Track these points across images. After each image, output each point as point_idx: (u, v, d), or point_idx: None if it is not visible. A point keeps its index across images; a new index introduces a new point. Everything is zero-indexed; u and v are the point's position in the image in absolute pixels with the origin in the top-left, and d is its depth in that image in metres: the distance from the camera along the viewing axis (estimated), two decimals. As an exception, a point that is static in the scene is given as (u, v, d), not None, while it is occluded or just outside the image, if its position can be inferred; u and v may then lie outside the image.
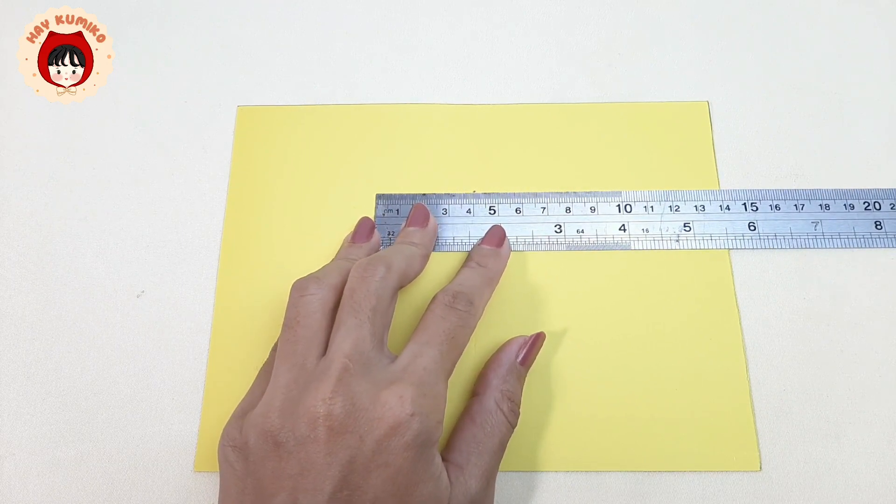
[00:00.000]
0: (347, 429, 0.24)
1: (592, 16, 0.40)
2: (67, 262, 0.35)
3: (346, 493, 0.24)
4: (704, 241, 0.34)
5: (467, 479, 0.27)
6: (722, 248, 0.34)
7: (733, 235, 0.34)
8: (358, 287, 0.28)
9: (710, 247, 0.34)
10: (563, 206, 0.35)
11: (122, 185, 0.37)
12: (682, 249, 0.34)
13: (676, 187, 0.35)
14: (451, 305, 0.29)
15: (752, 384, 0.32)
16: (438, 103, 0.38)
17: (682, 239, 0.34)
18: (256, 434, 0.25)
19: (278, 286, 0.33)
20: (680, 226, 0.34)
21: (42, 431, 0.32)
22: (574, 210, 0.35)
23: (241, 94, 0.38)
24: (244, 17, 0.40)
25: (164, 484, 0.31)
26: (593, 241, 0.34)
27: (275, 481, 0.24)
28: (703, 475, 0.31)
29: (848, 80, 0.38)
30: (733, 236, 0.34)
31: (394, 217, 0.35)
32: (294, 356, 0.27)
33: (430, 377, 0.26)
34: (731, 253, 0.34)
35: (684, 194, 0.35)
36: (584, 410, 0.32)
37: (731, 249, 0.34)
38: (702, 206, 0.35)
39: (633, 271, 0.34)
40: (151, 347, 0.33)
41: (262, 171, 0.36)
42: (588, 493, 0.31)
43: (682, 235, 0.34)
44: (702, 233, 0.34)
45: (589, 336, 0.33)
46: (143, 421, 0.32)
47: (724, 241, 0.34)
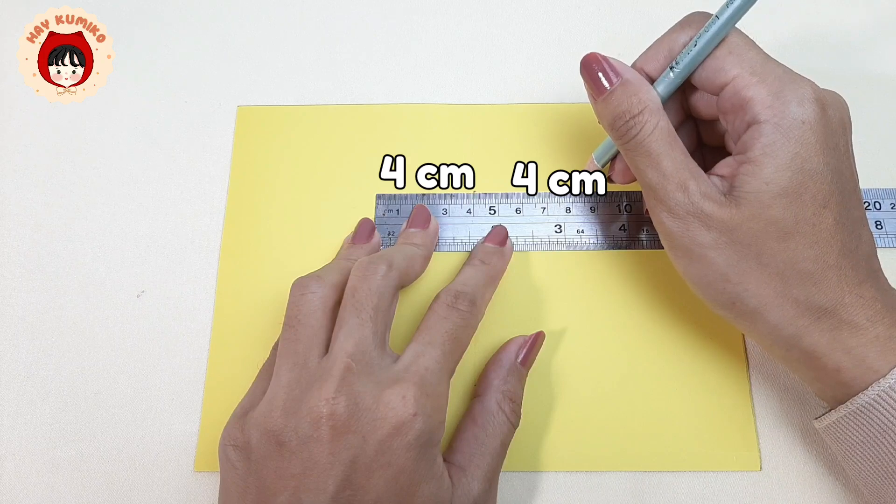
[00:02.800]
0: (350, 428, 0.24)
1: (592, 16, 0.40)
2: (67, 262, 0.35)
3: (348, 493, 0.24)
4: (704, 241, 0.34)
5: (470, 481, 0.27)
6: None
7: (733, 235, 0.34)
8: (360, 286, 0.28)
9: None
10: (563, 207, 0.35)
11: (123, 185, 0.37)
12: (682, 249, 0.34)
13: (676, 187, 0.35)
14: (453, 306, 0.29)
15: (753, 384, 0.32)
16: (438, 103, 0.38)
17: (683, 239, 0.34)
18: (259, 433, 0.25)
19: (278, 286, 0.33)
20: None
21: (42, 431, 0.32)
22: (574, 210, 0.35)
23: (241, 94, 0.38)
24: (244, 17, 0.40)
25: (164, 484, 0.31)
26: (593, 241, 0.34)
27: (277, 481, 0.24)
28: (703, 475, 0.31)
29: (848, 79, 0.38)
30: (733, 236, 0.34)
31: (394, 217, 0.35)
32: (295, 355, 0.27)
33: (433, 377, 0.26)
34: (731, 253, 0.34)
35: (684, 194, 0.35)
36: (584, 410, 0.32)
37: (731, 249, 0.34)
38: (702, 206, 0.35)
39: (633, 271, 0.34)
40: (151, 347, 0.33)
41: (262, 171, 0.36)
42: (588, 493, 0.31)
43: (682, 235, 0.34)
44: (702, 233, 0.34)
45: (589, 336, 0.33)
46: (143, 421, 0.32)
47: (725, 241, 0.34)
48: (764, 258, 0.25)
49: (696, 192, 0.26)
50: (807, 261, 0.25)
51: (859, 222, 0.26)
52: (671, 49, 0.28)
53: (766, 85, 0.25)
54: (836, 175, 0.25)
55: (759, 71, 0.26)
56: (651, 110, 0.27)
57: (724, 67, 0.26)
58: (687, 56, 0.27)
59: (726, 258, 0.26)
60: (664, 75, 0.28)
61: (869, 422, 0.25)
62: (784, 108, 0.25)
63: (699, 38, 0.26)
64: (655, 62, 0.28)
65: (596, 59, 0.28)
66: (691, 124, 0.31)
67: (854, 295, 0.25)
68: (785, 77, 0.25)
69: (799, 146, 0.25)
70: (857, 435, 0.26)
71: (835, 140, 0.25)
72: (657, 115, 0.27)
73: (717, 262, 0.26)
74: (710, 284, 0.27)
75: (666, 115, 0.27)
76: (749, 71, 0.26)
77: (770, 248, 0.25)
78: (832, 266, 0.25)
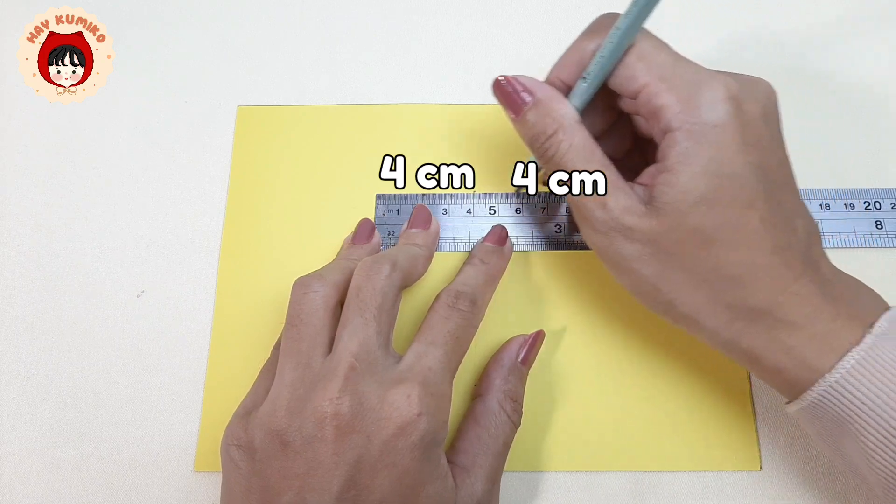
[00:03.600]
0: (355, 428, 0.24)
1: (592, 16, 0.40)
2: (67, 262, 0.35)
3: (353, 493, 0.24)
4: (704, 241, 0.34)
5: (473, 482, 0.27)
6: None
7: (733, 235, 0.34)
8: (364, 285, 0.28)
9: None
10: (563, 206, 0.35)
11: (122, 185, 0.37)
12: (682, 249, 0.34)
13: (676, 187, 0.35)
14: (454, 306, 0.29)
15: (753, 384, 0.32)
16: (438, 103, 0.38)
17: (683, 239, 0.34)
18: (263, 433, 0.25)
19: (278, 286, 0.33)
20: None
21: (42, 431, 0.32)
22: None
23: (241, 94, 0.38)
24: (244, 17, 0.40)
25: (164, 484, 0.31)
26: (593, 241, 0.34)
27: (282, 480, 0.24)
28: (703, 475, 0.31)
29: (848, 80, 0.38)
30: (733, 236, 0.34)
31: (394, 217, 0.35)
32: (299, 354, 0.27)
33: (436, 377, 0.26)
34: (731, 253, 0.34)
35: (684, 194, 0.35)
36: (584, 410, 0.32)
37: (731, 249, 0.34)
38: (702, 207, 0.35)
39: (633, 271, 0.34)
40: (151, 347, 0.33)
41: (262, 171, 0.36)
42: (588, 493, 0.31)
43: (682, 235, 0.34)
44: (702, 233, 0.34)
45: (589, 336, 0.33)
46: (143, 421, 0.32)
47: (724, 241, 0.34)
48: (689, 266, 0.25)
49: (615, 207, 0.26)
50: (732, 265, 0.25)
51: (793, 213, 0.26)
52: (581, 58, 0.27)
53: (676, 91, 0.25)
54: (759, 172, 0.25)
55: (669, 76, 0.25)
56: (565, 128, 0.26)
57: (634, 75, 0.26)
58: (596, 66, 0.26)
59: (653, 269, 0.26)
60: (577, 86, 0.27)
61: (823, 415, 0.25)
62: (695, 114, 0.24)
63: (604, 48, 0.26)
64: (569, 70, 0.28)
65: (507, 81, 0.28)
66: (626, 119, 0.31)
67: (789, 293, 0.25)
68: (695, 80, 0.25)
69: (713, 150, 0.24)
70: (812, 427, 0.26)
71: (756, 134, 0.25)
72: (572, 133, 0.26)
73: (644, 274, 0.26)
74: (643, 294, 0.27)
75: (583, 129, 0.27)
76: (658, 77, 0.25)
77: (694, 256, 0.25)
78: (762, 266, 0.25)
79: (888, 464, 0.24)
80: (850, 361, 0.24)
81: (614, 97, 0.28)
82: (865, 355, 0.24)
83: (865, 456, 0.24)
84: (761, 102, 0.25)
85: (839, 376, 0.24)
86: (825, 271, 0.26)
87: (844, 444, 0.25)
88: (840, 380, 0.24)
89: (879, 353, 0.24)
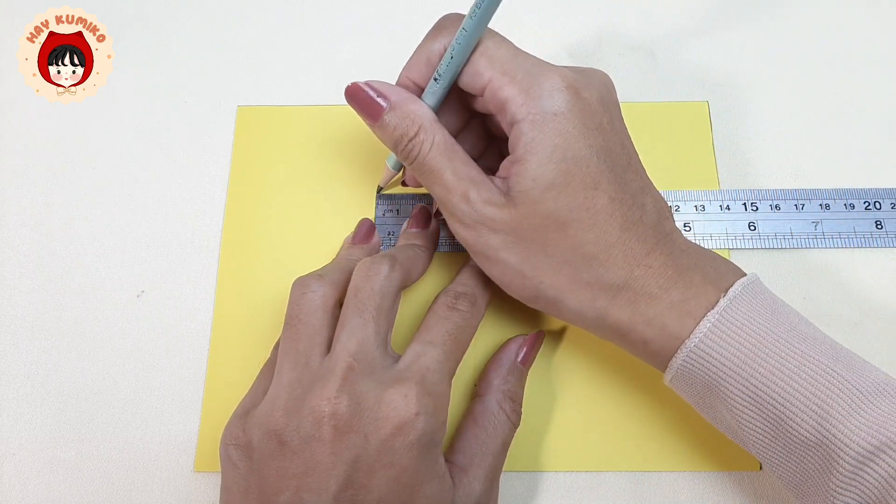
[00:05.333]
0: (353, 428, 0.24)
1: (593, 16, 0.40)
2: (67, 262, 0.35)
3: (350, 493, 0.24)
4: (705, 241, 0.34)
5: (471, 482, 0.27)
6: (722, 248, 0.34)
7: (733, 235, 0.34)
8: (363, 285, 0.28)
9: (711, 247, 0.34)
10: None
11: (122, 185, 0.37)
12: (682, 249, 0.34)
13: (676, 187, 0.35)
14: (453, 306, 0.29)
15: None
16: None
17: (683, 239, 0.34)
18: (261, 433, 0.25)
19: (278, 286, 0.33)
20: (680, 226, 0.34)
21: (42, 431, 0.32)
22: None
23: (241, 94, 0.38)
24: (244, 17, 0.40)
25: (164, 484, 0.31)
26: (593, 241, 0.34)
27: (279, 480, 0.24)
28: (703, 475, 0.31)
29: (848, 80, 0.38)
30: (733, 236, 0.34)
31: (394, 217, 0.35)
32: (297, 354, 0.27)
33: (434, 377, 0.26)
34: (732, 253, 0.34)
35: (684, 194, 0.35)
36: (584, 410, 0.32)
37: (732, 249, 0.34)
38: (702, 207, 0.35)
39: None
40: (151, 347, 0.33)
41: (262, 171, 0.36)
42: (588, 493, 0.31)
43: (682, 235, 0.34)
44: (702, 233, 0.34)
45: (589, 336, 0.33)
46: (143, 421, 0.32)
47: (725, 241, 0.34)
48: (549, 250, 0.26)
49: (477, 200, 0.27)
50: (588, 244, 0.26)
51: (640, 192, 0.27)
52: (429, 58, 0.28)
53: (517, 83, 0.26)
54: (602, 154, 0.26)
55: (509, 69, 0.26)
56: (425, 128, 0.27)
57: (479, 71, 0.27)
58: (445, 66, 0.27)
59: (516, 256, 0.27)
60: (430, 86, 0.28)
61: (693, 382, 0.26)
62: (536, 103, 0.25)
63: (453, 48, 0.26)
64: (418, 71, 0.28)
65: (359, 88, 0.28)
66: (479, 120, 0.32)
67: (643, 266, 0.26)
68: (533, 71, 0.26)
69: (557, 137, 0.25)
70: (688, 396, 0.27)
71: (596, 120, 0.26)
72: (432, 131, 0.27)
73: (509, 262, 0.27)
74: (511, 282, 0.28)
75: (441, 127, 0.28)
76: (500, 71, 0.26)
77: (552, 239, 0.26)
78: (614, 243, 0.26)
79: (755, 422, 0.25)
80: (706, 325, 0.25)
81: (467, 97, 0.29)
82: (720, 318, 0.25)
83: (735, 417, 0.25)
84: (598, 90, 0.27)
85: (697, 340, 0.25)
86: (679, 243, 0.27)
87: (717, 407, 0.26)
88: (699, 343, 0.25)
89: (734, 315, 0.25)
